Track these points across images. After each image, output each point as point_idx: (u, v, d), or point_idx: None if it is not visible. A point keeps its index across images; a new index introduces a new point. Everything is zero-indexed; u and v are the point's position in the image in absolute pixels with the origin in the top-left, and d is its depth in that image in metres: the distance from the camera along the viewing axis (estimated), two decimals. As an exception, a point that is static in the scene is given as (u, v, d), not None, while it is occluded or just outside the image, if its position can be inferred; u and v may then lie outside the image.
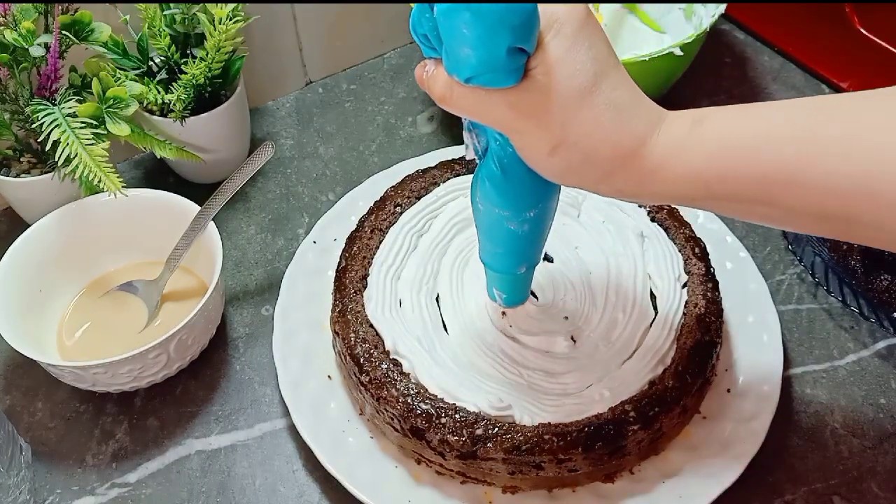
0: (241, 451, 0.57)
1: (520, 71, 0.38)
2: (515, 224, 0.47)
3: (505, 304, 0.56)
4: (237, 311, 0.66)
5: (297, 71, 0.84)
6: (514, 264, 0.52)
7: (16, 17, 0.59)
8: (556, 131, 0.39)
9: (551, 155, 0.39)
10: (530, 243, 0.50)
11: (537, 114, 0.38)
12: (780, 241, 0.69)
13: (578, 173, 0.40)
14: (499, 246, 0.50)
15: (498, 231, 0.48)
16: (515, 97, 0.38)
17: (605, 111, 0.38)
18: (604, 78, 0.38)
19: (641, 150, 0.39)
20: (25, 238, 0.60)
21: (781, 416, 0.56)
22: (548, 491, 0.53)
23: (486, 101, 0.39)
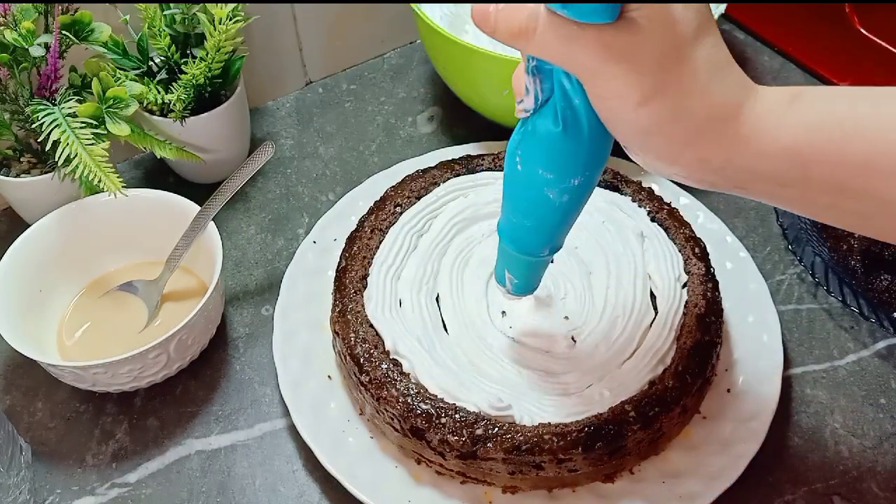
0: (241, 451, 0.57)
1: (619, 6, 0.34)
2: (556, 192, 0.43)
3: (514, 292, 0.52)
4: (237, 311, 0.66)
5: (297, 71, 0.84)
6: (540, 243, 0.47)
7: (16, 17, 0.59)
8: (650, 79, 0.35)
9: (640, 106, 0.36)
10: (564, 218, 0.45)
11: (633, 58, 0.35)
12: (780, 241, 0.69)
13: (665, 131, 0.36)
14: (529, 217, 0.45)
15: (534, 199, 0.44)
16: (611, 36, 0.34)
17: (703, 67, 0.35)
18: (705, 33, 0.36)
19: (737, 114, 0.36)
20: (25, 238, 0.60)
21: (781, 416, 0.56)
22: (548, 491, 0.53)
23: (576, 37, 0.35)
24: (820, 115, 0.35)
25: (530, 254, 0.48)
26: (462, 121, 0.80)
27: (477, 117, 0.77)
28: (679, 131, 0.36)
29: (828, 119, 0.35)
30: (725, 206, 0.72)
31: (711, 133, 0.36)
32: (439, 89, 0.84)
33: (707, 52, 0.36)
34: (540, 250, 0.48)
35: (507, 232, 0.48)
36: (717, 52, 0.36)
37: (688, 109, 0.36)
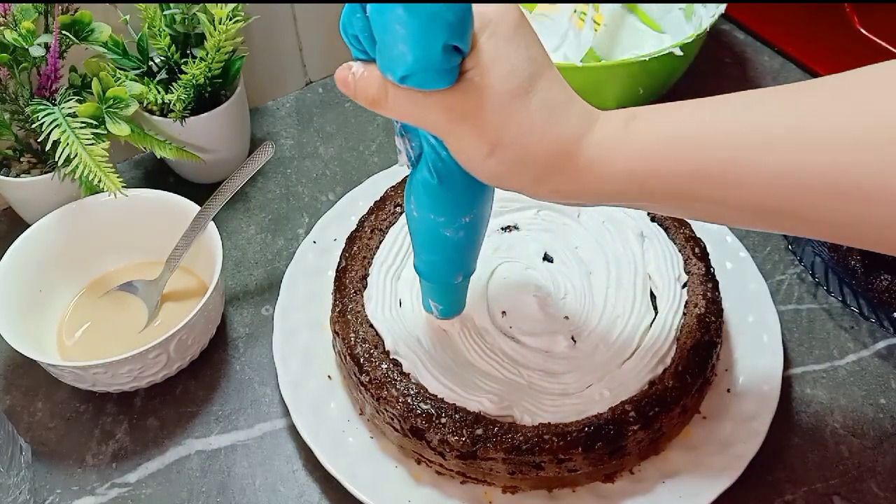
0: (241, 451, 0.57)
1: (455, 72, 0.37)
2: (451, 231, 0.47)
3: (441, 316, 0.56)
4: (237, 311, 0.66)
5: (297, 71, 0.84)
6: (450, 273, 0.51)
7: (16, 17, 0.59)
8: (492, 133, 0.38)
9: (487, 157, 0.39)
10: (466, 250, 0.50)
11: (473, 115, 0.38)
12: (780, 241, 0.69)
13: (515, 174, 0.40)
14: (434, 254, 0.49)
15: (433, 238, 0.48)
16: (451, 99, 0.38)
17: (539, 111, 0.38)
18: (538, 78, 0.38)
19: (575, 148, 0.39)
20: (25, 238, 0.60)
21: (781, 416, 0.56)
22: (548, 491, 0.53)
23: (421, 103, 0.39)
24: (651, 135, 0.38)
25: (445, 283, 0.52)
26: (462, 121, 0.80)
27: (477, 117, 0.77)
28: (528, 173, 0.40)
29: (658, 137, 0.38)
30: (725, 206, 0.72)
31: (556, 169, 0.39)
32: (439, 89, 0.84)
33: (541, 97, 0.38)
34: (453, 278, 0.52)
35: (420, 268, 0.52)
36: (554, 93, 0.39)
37: (530, 154, 0.39)
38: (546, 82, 0.39)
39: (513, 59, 0.38)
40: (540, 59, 0.39)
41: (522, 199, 0.64)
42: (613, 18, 0.79)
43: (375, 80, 0.40)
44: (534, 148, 0.39)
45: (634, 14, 0.80)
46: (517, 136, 0.38)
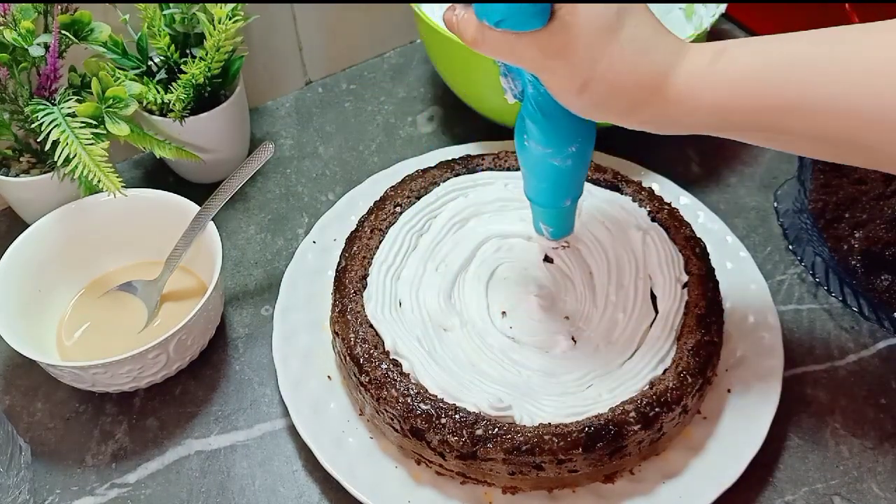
0: (241, 452, 0.57)
1: (546, 12, 0.39)
2: (559, 160, 0.50)
3: (552, 237, 0.58)
4: (237, 311, 0.66)
5: (297, 71, 0.84)
6: (559, 198, 0.54)
7: (15, 16, 0.59)
8: (584, 68, 0.40)
9: (580, 92, 0.41)
10: (573, 177, 0.52)
11: (565, 53, 0.40)
12: (781, 241, 0.69)
13: (606, 107, 0.42)
14: (543, 181, 0.52)
15: (542, 167, 0.51)
16: (544, 38, 0.40)
17: (628, 46, 0.40)
18: (626, 15, 0.40)
19: (664, 82, 0.41)
20: (25, 238, 0.60)
21: (781, 416, 0.56)
22: (548, 491, 0.53)
23: (516, 44, 0.41)
24: (736, 70, 0.40)
25: (554, 206, 0.55)
26: (462, 121, 0.80)
27: (477, 117, 0.77)
28: (619, 104, 0.42)
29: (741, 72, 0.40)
30: (726, 206, 0.72)
31: (645, 102, 0.41)
32: (439, 89, 0.84)
33: (630, 33, 0.40)
34: (562, 202, 0.54)
35: (530, 192, 0.55)
36: (642, 28, 0.41)
37: (620, 87, 0.41)
38: (633, 18, 0.40)
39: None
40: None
41: (522, 198, 0.64)
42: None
43: (473, 23, 0.42)
44: (623, 81, 0.41)
45: (634, 14, 0.80)
46: (607, 70, 0.40)
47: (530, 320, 0.57)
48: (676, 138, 0.48)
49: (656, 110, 0.42)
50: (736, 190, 0.74)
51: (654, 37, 0.41)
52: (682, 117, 0.41)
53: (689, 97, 0.41)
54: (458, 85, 0.76)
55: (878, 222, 0.62)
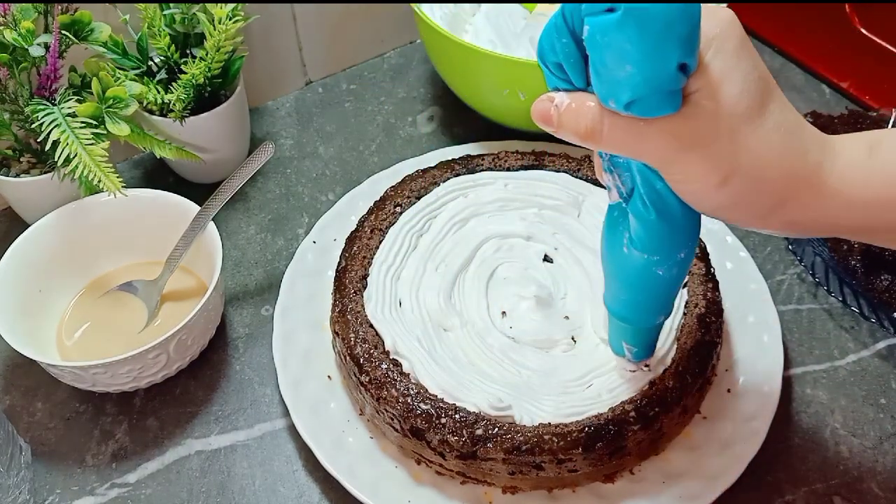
0: (241, 452, 0.57)
1: (680, 94, 0.34)
2: (664, 269, 0.43)
3: (636, 358, 0.52)
4: (237, 311, 0.66)
5: (297, 71, 0.84)
6: (654, 314, 0.48)
7: (15, 16, 0.59)
8: (726, 160, 0.35)
9: (720, 187, 0.36)
10: (674, 288, 0.46)
11: (704, 142, 0.35)
12: (781, 241, 0.69)
13: (749, 205, 0.37)
14: (641, 293, 0.46)
15: (643, 277, 0.44)
16: (678, 125, 0.35)
17: (775, 135, 0.35)
18: (770, 99, 0.36)
19: (817, 175, 0.36)
20: (25, 238, 0.60)
21: (781, 416, 0.56)
22: (548, 491, 0.53)
23: (644, 133, 0.35)
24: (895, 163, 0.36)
25: (645, 322, 0.49)
26: (462, 121, 0.80)
27: (477, 117, 0.77)
28: (761, 202, 0.37)
29: None
30: (725, 206, 0.72)
31: (794, 199, 0.37)
32: (439, 89, 0.84)
33: (775, 120, 0.36)
34: (656, 319, 0.49)
35: (619, 309, 0.48)
36: (785, 115, 0.36)
37: (767, 181, 0.36)
38: (777, 103, 0.36)
39: (743, 78, 0.35)
40: (768, 78, 0.36)
41: (522, 198, 0.64)
42: (613, 18, 0.79)
43: (589, 111, 0.36)
44: (771, 175, 0.36)
45: (634, 14, 0.80)
46: (752, 162, 0.35)
47: (530, 320, 0.57)
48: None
49: (804, 208, 0.37)
50: (736, 190, 0.74)
51: (799, 125, 0.36)
52: (833, 215, 0.37)
53: (845, 192, 0.36)
54: (458, 85, 0.76)
55: (878, 222, 0.62)
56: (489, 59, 0.66)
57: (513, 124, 0.75)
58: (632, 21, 0.31)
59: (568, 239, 0.62)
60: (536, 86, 0.68)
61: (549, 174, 0.66)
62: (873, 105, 0.77)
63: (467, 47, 0.67)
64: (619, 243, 0.44)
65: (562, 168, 0.66)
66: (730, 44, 0.35)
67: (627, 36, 0.32)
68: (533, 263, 0.61)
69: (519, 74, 0.67)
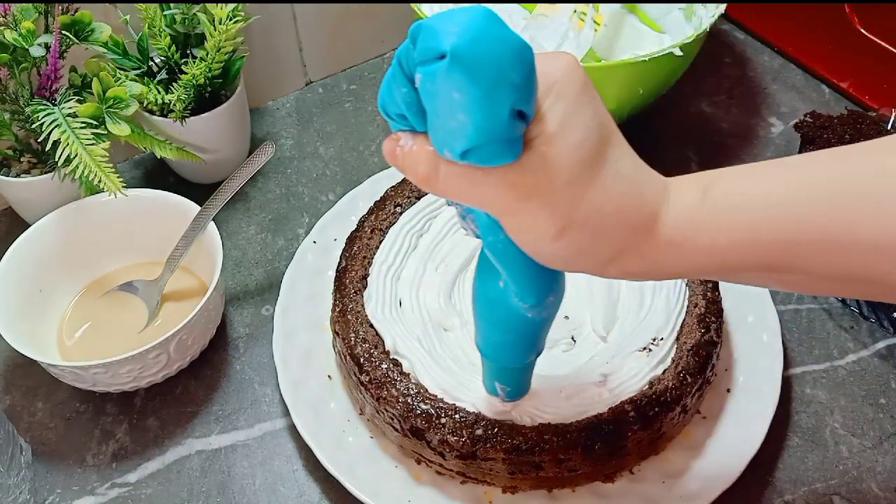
0: (241, 451, 0.57)
1: (519, 142, 0.32)
2: (534, 312, 0.42)
3: (508, 398, 0.50)
4: (237, 311, 0.66)
5: (297, 71, 0.84)
6: (525, 354, 0.47)
7: (16, 17, 0.59)
8: (563, 211, 0.34)
9: (556, 239, 0.35)
10: (545, 328, 0.45)
11: (542, 192, 0.33)
12: (780, 241, 0.69)
13: (587, 256, 0.36)
14: (511, 333, 0.44)
15: (513, 320, 0.43)
16: (516, 174, 0.33)
17: (614, 184, 0.34)
18: (609, 146, 0.35)
19: (654, 225, 0.35)
20: (25, 238, 0.60)
21: (781, 416, 0.56)
22: (548, 491, 0.53)
23: (480, 181, 0.33)
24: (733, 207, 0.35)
25: (516, 361, 0.47)
26: (462, 121, 0.80)
27: (477, 117, 0.77)
28: (600, 253, 0.36)
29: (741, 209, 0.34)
30: (725, 206, 0.72)
31: (632, 249, 0.36)
32: (439, 89, 0.84)
33: (615, 167, 0.35)
34: (526, 358, 0.47)
35: (490, 350, 0.47)
36: (625, 161, 0.35)
37: (605, 232, 0.35)
38: (617, 149, 0.35)
39: (584, 125, 0.33)
40: (609, 123, 0.35)
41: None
42: (613, 18, 0.79)
43: (426, 156, 0.34)
44: (609, 226, 0.35)
45: (634, 14, 0.80)
46: (591, 213, 0.34)
47: (530, 320, 0.57)
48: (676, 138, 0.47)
49: (641, 258, 0.36)
50: (736, 190, 0.74)
51: (636, 171, 0.35)
52: (672, 263, 0.36)
53: (679, 241, 0.35)
54: (458, 85, 0.75)
55: (878, 222, 0.62)
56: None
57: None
58: (460, 68, 0.29)
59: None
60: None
61: (549, 174, 0.66)
62: (873, 105, 0.77)
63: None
64: (492, 286, 0.42)
65: (562, 168, 0.66)
66: (571, 89, 0.33)
67: (456, 84, 0.30)
68: (533, 263, 0.61)
69: (519, 74, 0.66)
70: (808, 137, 0.69)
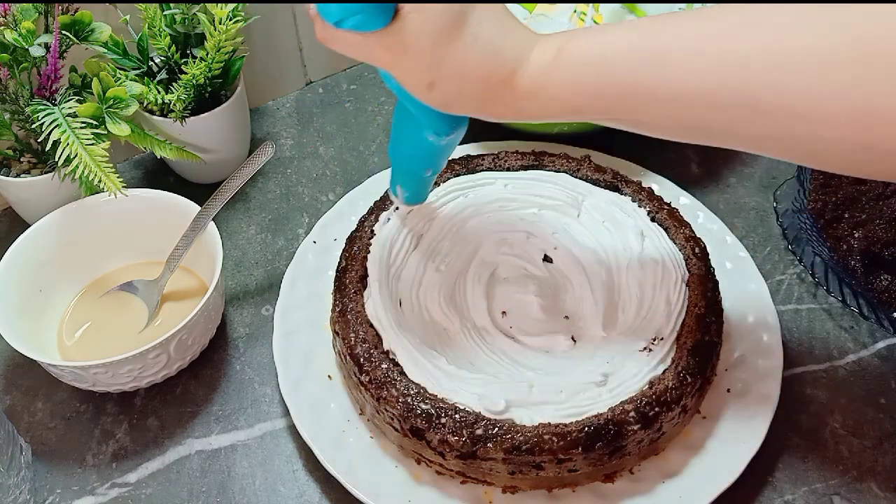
0: (241, 451, 0.57)
1: (388, 12, 0.39)
2: (435, 139, 0.49)
3: (406, 202, 0.58)
4: (237, 311, 0.66)
5: (297, 71, 0.84)
6: (422, 168, 0.54)
7: (16, 17, 0.59)
8: (430, 68, 0.41)
9: (430, 90, 0.42)
10: (444, 154, 0.53)
11: (411, 52, 0.40)
12: (780, 241, 0.69)
13: (458, 103, 0.43)
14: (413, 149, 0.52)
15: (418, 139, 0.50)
16: (389, 37, 0.40)
17: (473, 44, 0.40)
18: (470, 12, 0.40)
19: (511, 78, 0.41)
20: (25, 238, 0.60)
21: (781, 416, 0.56)
22: (548, 491, 0.53)
23: (361, 44, 0.41)
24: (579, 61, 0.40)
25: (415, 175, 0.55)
26: (462, 121, 0.80)
27: (477, 117, 0.77)
28: (468, 102, 0.43)
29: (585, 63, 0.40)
30: (725, 206, 0.72)
31: (495, 98, 0.42)
32: (439, 89, 0.84)
33: (475, 30, 0.40)
34: (424, 172, 0.55)
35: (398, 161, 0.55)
36: (486, 26, 0.41)
37: (468, 85, 0.41)
38: (478, 15, 0.40)
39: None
40: None
41: (522, 198, 0.64)
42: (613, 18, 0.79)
43: (320, 23, 0.41)
44: (470, 79, 0.41)
45: (634, 14, 0.80)
46: (453, 70, 0.41)
47: (530, 320, 0.57)
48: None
49: (507, 104, 0.42)
50: (735, 190, 0.74)
51: (500, 33, 0.41)
52: (532, 110, 0.42)
53: (535, 91, 0.41)
54: (458, 85, 0.75)
55: (878, 222, 0.62)
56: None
57: (513, 124, 0.75)
58: None
59: (568, 239, 0.62)
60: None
61: (549, 174, 0.66)
62: (873, 105, 0.77)
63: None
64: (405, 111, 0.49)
65: (561, 168, 0.66)
66: None
67: None
68: (533, 263, 0.61)
69: (519, 74, 0.67)
70: (807, 137, 0.68)
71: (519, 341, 0.56)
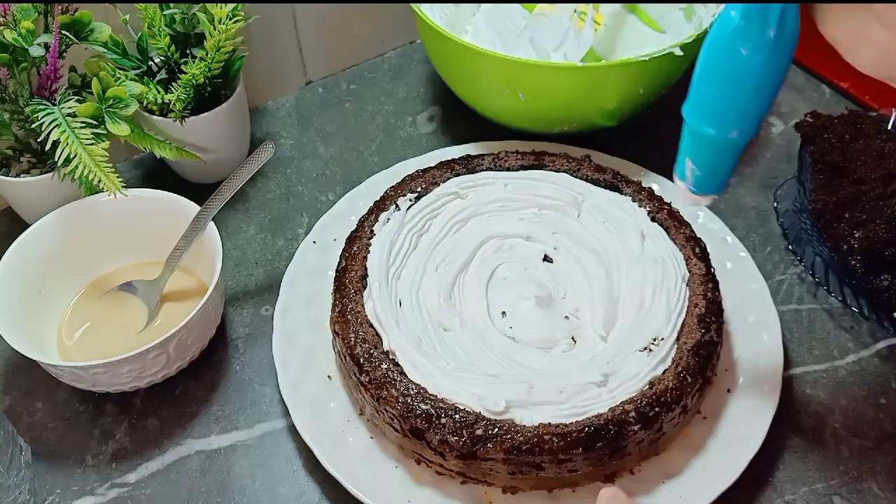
0: (241, 451, 0.57)
1: None
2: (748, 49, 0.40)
3: (695, 188, 0.47)
4: (237, 311, 0.66)
5: (297, 71, 0.84)
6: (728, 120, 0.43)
7: (16, 16, 0.59)
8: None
9: None
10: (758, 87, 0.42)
11: None
12: (781, 241, 0.69)
13: None
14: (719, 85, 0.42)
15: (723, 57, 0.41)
16: None
17: None
18: None
19: None
20: (25, 238, 0.60)
21: (781, 416, 0.56)
22: (548, 491, 0.53)
23: None
24: None
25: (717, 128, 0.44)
26: (462, 121, 0.80)
27: (477, 117, 0.77)
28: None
29: None
30: (726, 206, 0.72)
31: None
32: (439, 89, 0.84)
33: None
34: (729, 129, 0.44)
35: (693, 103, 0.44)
36: None
37: None
38: None
39: None
40: None
41: (522, 198, 0.64)
42: (613, 18, 0.79)
43: None
44: None
45: (635, 14, 0.80)
46: None
47: (530, 320, 0.57)
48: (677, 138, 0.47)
49: None
50: (736, 190, 0.74)
51: None
52: None
53: None
54: (457, 85, 0.76)
55: (878, 222, 0.62)
56: (489, 59, 0.66)
57: (513, 124, 0.75)
58: None
59: (568, 239, 0.62)
60: (536, 86, 0.68)
61: (549, 174, 0.66)
62: (873, 105, 0.77)
63: (467, 47, 0.67)
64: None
65: (562, 168, 0.66)
66: None
67: None
68: (533, 263, 0.61)
69: (519, 74, 0.67)
70: (808, 137, 0.69)
71: (519, 341, 0.56)
